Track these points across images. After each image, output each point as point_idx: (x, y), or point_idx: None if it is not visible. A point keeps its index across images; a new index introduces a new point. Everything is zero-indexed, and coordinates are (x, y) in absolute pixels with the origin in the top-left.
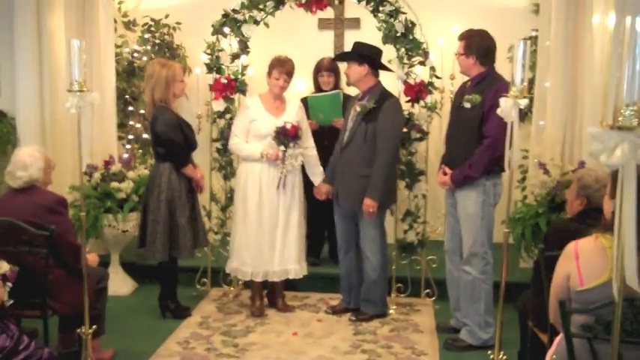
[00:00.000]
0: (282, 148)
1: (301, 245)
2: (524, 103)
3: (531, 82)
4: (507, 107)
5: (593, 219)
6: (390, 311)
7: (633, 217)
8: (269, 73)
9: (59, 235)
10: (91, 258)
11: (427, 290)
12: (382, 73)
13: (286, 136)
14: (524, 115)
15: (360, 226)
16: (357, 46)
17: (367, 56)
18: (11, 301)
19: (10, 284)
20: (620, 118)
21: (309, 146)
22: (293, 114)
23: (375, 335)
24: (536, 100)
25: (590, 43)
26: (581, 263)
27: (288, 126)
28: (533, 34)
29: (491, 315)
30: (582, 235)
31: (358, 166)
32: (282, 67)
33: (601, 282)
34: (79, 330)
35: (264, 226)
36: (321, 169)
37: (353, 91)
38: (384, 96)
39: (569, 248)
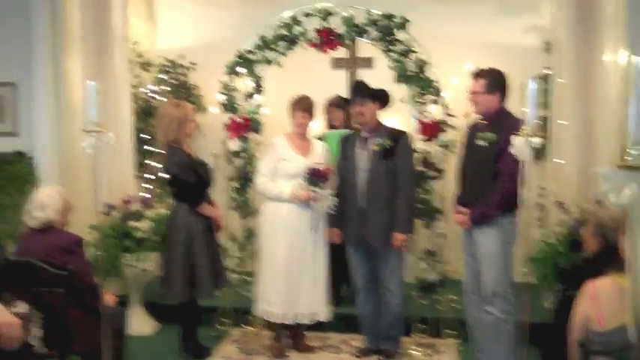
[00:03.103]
0: (314, 189)
1: (328, 287)
2: (536, 141)
3: (546, 120)
4: (520, 146)
5: (611, 258)
6: (414, 352)
7: None
8: (290, 115)
9: (77, 275)
10: (109, 298)
11: (450, 330)
12: (394, 112)
13: (319, 177)
14: (542, 152)
15: (384, 262)
16: (363, 85)
17: (380, 95)
18: (40, 346)
19: (36, 329)
20: (627, 158)
21: None
22: (320, 154)
23: None
24: (552, 138)
25: (602, 81)
26: (600, 304)
27: (321, 167)
28: (545, 72)
29: (514, 356)
30: (600, 274)
31: (383, 203)
32: (298, 105)
33: (622, 323)
34: None
35: (293, 268)
36: None
37: None
38: (395, 132)
39: (587, 289)
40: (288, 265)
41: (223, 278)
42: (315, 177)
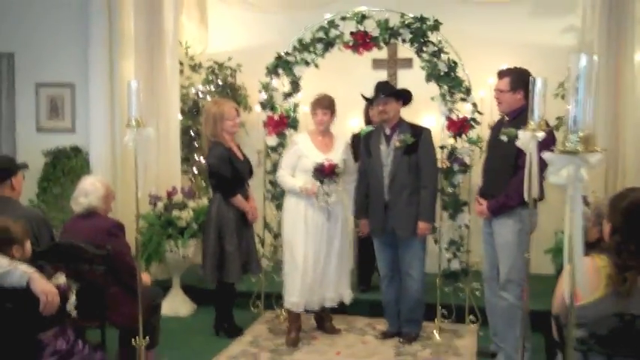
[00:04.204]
0: (319, 184)
1: (342, 274)
2: (541, 135)
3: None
4: (526, 139)
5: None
6: (434, 336)
7: (580, 233)
8: (311, 113)
9: (115, 255)
10: (145, 277)
11: (471, 316)
12: (426, 110)
13: (322, 173)
14: None
15: (407, 249)
16: (387, 84)
17: (403, 94)
18: (74, 313)
19: (74, 299)
20: (567, 144)
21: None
22: (340, 151)
23: (415, 357)
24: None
25: (632, 80)
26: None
27: (326, 163)
28: None
29: (527, 340)
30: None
31: (407, 196)
32: (318, 103)
33: (595, 299)
34: (133, 340)
35: (307, 258)
36: None
37: None
38: (416, 128)
39: (567, 268)
40: (301, 255)
41: (254, 265)
42: (318, 172)
